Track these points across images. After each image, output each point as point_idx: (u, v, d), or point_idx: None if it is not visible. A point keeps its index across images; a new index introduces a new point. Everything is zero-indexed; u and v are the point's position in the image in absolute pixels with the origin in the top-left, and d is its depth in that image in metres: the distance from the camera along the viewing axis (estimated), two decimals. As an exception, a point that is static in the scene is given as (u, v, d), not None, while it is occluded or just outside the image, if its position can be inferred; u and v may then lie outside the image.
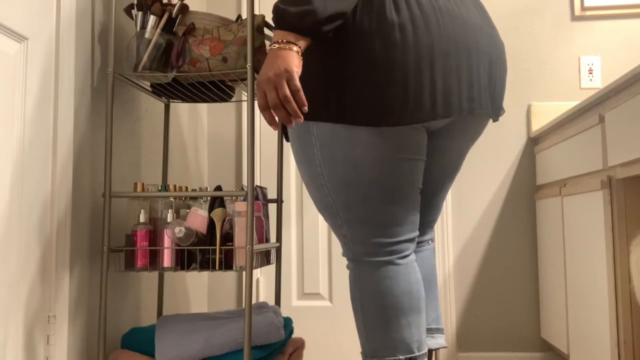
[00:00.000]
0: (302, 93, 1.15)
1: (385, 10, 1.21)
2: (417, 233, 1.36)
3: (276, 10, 1.17)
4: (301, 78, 1.25)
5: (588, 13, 2.56)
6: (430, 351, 1.50)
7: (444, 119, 1.26)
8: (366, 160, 1.26)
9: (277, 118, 1.22)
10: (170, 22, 1.77)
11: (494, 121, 1.35)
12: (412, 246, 1.35)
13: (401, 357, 1.30)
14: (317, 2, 1.14)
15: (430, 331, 1.51)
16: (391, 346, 1.30)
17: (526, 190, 2.53)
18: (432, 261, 1.54)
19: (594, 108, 1.83)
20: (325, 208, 1.34)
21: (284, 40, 1.16)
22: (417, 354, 1.31)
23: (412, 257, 1.35)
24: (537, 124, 2.51)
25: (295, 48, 1.15)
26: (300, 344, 2.10)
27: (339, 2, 1.17)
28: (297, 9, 1.14)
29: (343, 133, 1.25)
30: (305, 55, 1.24)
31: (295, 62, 1.15)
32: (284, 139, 1.39)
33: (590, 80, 2.55)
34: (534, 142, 2.53)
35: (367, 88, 1.21)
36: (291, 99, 1.14)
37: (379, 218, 1.30)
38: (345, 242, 1.35)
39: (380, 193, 1.28)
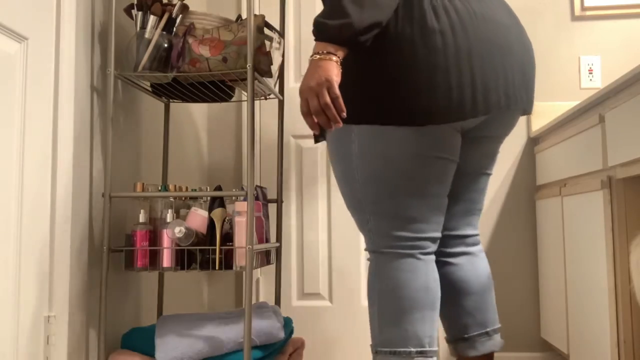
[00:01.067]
0: (341, 100, 1.25)
1: (426, 19, 1.31)
2: (439, 234, 1.44)
3: (316, 23, 1.26)
4: (342, 84, 1.31)
5: (588, 13, 2.56)
6: (491, 354, 1.56)
7: (484, 116, 1.35)
8: (401, 156, 1.36)
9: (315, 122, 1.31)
10: (170, 22, 1.77)
11: (528, 114, 1.50)
12: (433, 246, 1.43)
13: (412, 349, 1.36)
14: (354, 14, 1.23)
15: (487, 334, 1.55)
16: (404, 338, 1.36)
17: (526, 190, 2.53)
18: (486, 263, 1.61)
19: (594, 108, 1.83)
20: (354, 203, 1.43)
21: (324, 51, 1.26)
22: (427, 348, 1.37)
23: (433, 257, 1.43)
24: (537, 124, 2.51)
25: (334, 58, 1.25)
26: (300, 344, 2.10)
27: (375, 13, 1.26)
28: (335, 22, 1.24)
29: (382, 132, 1.35)
30: (346, 62, 1.31)
31: (334, 72, 1.25)
32: (314, 141, 1.51)
33: (590, 80, 2.55)
34: (534, 142, 2.53)
35: (410, 91, 1.30)
36: (331, 105, 1.24)
37: (405, 213, 1.39)
38: (370, 236, 1.43)
39: (409, 188, 1.38)
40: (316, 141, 1.50)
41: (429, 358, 1.37)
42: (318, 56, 1.26)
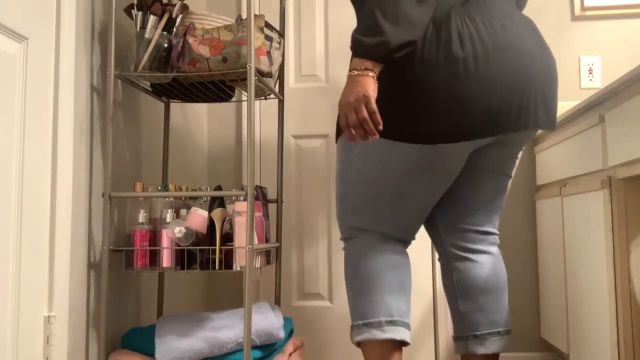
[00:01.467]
0: (377, 115, 1.33)
1: (451, 46, 1.38)
2: (406, 238, 1.61)
3: (354, 40, 1.35)
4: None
5: (588, 13, 2.56)
6: (497, 354, 1.61)
7: (492, 137, 1.45)
8: (400, 169, 1.48)
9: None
10: (170, 22, 1.77)
11: (551, 131, 1.61)
12: (403, 246, 1.61)
13: (382, 319, 1.50)
14: (390, 32, 1.31)
15: (499, 334, 1.60)
16: (375, 309, 1.51)
17: (526, 190, 2.53)
18: (504, 266, 1.68)
19: (594, 108, 1.83)
20: (340, 197, 1.60)
21: (362, 67, 1.34)
22: (394, 318, 1.50)
23: (407, 252, 1.61)
24: (537, 124, 2.51)
25: (371, 74, 1.34)
26: (300, 344, 2.10)
27: (409, 32, 1.34)
28: (373, 40, 1.32)
29: (388, 145, 1.46)
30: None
31: (372, 87, 1.33)
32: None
33: (590, 80, 2.55)
34: (534, 142, 2.53)
35: (425, 114, 1.39)
36: (369, 120, 1.33)
37: (380, 214, 1.54)
38: (344, 227, 1.61)
39: (395, 194, 1.51)
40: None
41: (396, 326, 1.50)
42: (356, 72, 1.34)
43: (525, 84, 1.42)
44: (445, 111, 1.38)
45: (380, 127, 1.34)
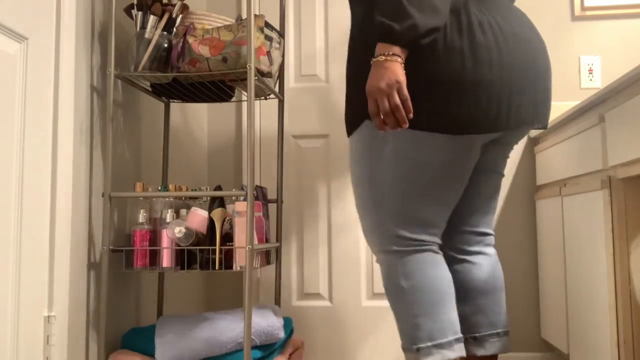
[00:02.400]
0: (409, 102, 1.29)
1: (475, 32, 1.36)
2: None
3: (382, 25, 1.30)
4: None
5: (588, 13, 2.56)
6: (496, 356, 1.60)
7: (513, 130, 1.43)
8: (433, 162, 1.41)
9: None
10: (170, 22, 1.77)
11: (544, 129, 1.54)
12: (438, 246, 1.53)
13: (451, 337, 1.42)
14: (418, 17, 1.28)
15: (498, 335, 1.60)
16: (442, 328, 1.42)
17: (526, 190, 2.53)
18: (500, 267, 1.67)
19: (594, 108, 1.83)
20: (372, 203, 1.46)
21: (389, 53, 1.29)
22: (459, 335, 1.44)
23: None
24: (537, 124, 2.51)
25: (399, 60, 1.29)
26: (300, 344, 2.10)
27: (434, 18, 1.30)
28: (402, 25, 1.27)
29: (419, 137, 1.39)
30: None
31: (402, 73, 1.28)
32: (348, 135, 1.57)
33: (590, 80, 2.55)
34: (533, 142, 2.53)
35: (455, 101, 1.35)
36: (401, 107, 1.28)
37: (425, 215, 1.45)
38: (386, 236, 1.46)
39: (433, 193, 1.44)
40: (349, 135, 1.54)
41: (462, 342, 1.44)
42: (383, 57, 1.29)
43: (533, 76, 1.41)
44: (473, 99, 1.35)
45: (411, 115, 1.30)
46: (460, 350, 1.43)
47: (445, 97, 1.35)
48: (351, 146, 1.52)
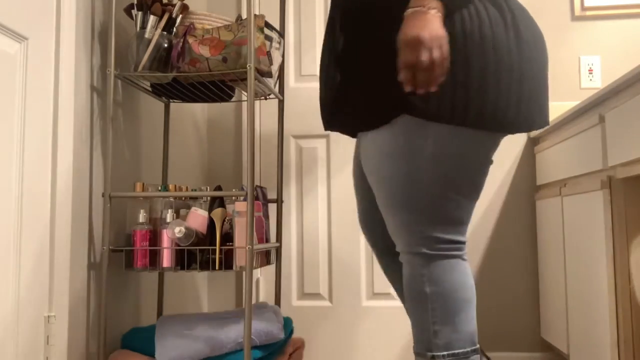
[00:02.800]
0: (447, 62, 1.17)
1: (519, 26, 1.29)
2: None
3: None
4: None
5: (588, 13, 2.56)
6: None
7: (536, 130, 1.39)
8: (472, 160, 1.32)
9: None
10: (170, 22, 1.77)
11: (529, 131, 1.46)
12: None
13: (468, 349, 1.34)
14: None
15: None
16: (460, 339, 1.34)
17: (526, 191, 2.53)
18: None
19: (594, 108, 1.83)
20: (404, 202, 1.34)
21: (428, 7, 1.16)
22: (477, 346, 1.37)
23: None
24: (537, 124, 2.51)
25: (440, 14, 1.17)
26: (300, 344, 2.10)
27: None
28: None
29: (460, 133, 1.29)
30: None
31: (443, 30, 1.16)
32: (352, 135, 1.48)
33: (590, 80, 2.55)
34: (533, 142, 2.53)
35: (504, 98, 1.27)
36: (441, 64, 1.16)
37: (461, 216, 1.36)
38: (417, 237, 1.35)
39: (471, 192, 1.36)
40: (353, 135, 1.47)
41: (478, 354, 1.38)
42: (424, 9, 1.16)
43: (545, 77, 1.39)
44: (517, 97, 1.29)
45: (443, 79, 1.18)
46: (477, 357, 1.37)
47: (495, 94, 1.27)
48: (375, 140, 1.35)
